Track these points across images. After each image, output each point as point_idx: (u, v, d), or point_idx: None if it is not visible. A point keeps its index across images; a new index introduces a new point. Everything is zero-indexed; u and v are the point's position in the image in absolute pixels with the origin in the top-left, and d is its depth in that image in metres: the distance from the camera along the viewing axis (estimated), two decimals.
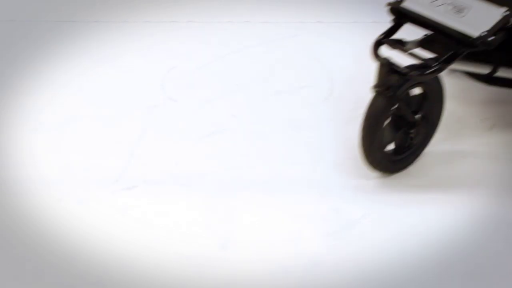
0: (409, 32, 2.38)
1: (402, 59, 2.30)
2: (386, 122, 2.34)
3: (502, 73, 2.50)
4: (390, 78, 2.24)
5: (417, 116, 2.40)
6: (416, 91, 2.40)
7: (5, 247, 2.24)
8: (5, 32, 3.34)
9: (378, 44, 2.33)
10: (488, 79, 2.66)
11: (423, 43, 2.41)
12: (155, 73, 3.03)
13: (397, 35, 2.36)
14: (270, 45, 3.19)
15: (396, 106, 2.30)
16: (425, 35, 2.39)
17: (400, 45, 2.36)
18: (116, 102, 2.88)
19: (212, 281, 2.13)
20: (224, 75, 3.01)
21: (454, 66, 2.32)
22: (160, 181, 2.45)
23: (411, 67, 2.26)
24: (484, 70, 2.49)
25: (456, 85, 3.00)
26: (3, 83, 2.99)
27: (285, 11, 3.40)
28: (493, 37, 2.21)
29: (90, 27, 3.38)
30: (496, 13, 2.24)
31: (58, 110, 2.83)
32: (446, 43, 2.25)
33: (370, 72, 2.32)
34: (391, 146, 2.41)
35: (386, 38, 2.35)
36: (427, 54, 2.32)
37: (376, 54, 2.30)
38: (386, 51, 2.31)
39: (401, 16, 2.35)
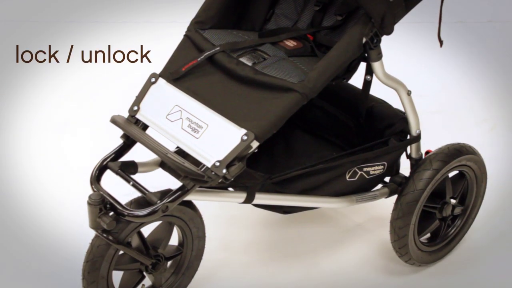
0: None
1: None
2: (112, 264, 1.83)
3: (260, 200, 1.87)
4: (103, 220, 1.70)
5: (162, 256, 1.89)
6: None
7: (5, 247, 2.24)
8: (5, 32, 3.34)
9: (102, 168, 1.80)
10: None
11: (164, 164, 1.89)
12: None
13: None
14: None
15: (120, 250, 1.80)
16: None
17: (130, 168, 1.82)
18: (116, 102, 2.87)
19: None
20: None
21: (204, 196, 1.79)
22: (161, 182, 2.44)
23: (136, 203, 1.77)
24: (239, 198, 1.85)
25: (456, 85, 3.01)
26: (2, 83, 2.99)
27: None
28: (225, 171, 1.67)
29: (89, 27, 3.38)
30: (235, 137, 1.69)
31: (57, 111, 2.83)
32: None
33: None
34: None
35: (113, 161, 1.81)
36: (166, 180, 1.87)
37: (95, 183, 1.77)
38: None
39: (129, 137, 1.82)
